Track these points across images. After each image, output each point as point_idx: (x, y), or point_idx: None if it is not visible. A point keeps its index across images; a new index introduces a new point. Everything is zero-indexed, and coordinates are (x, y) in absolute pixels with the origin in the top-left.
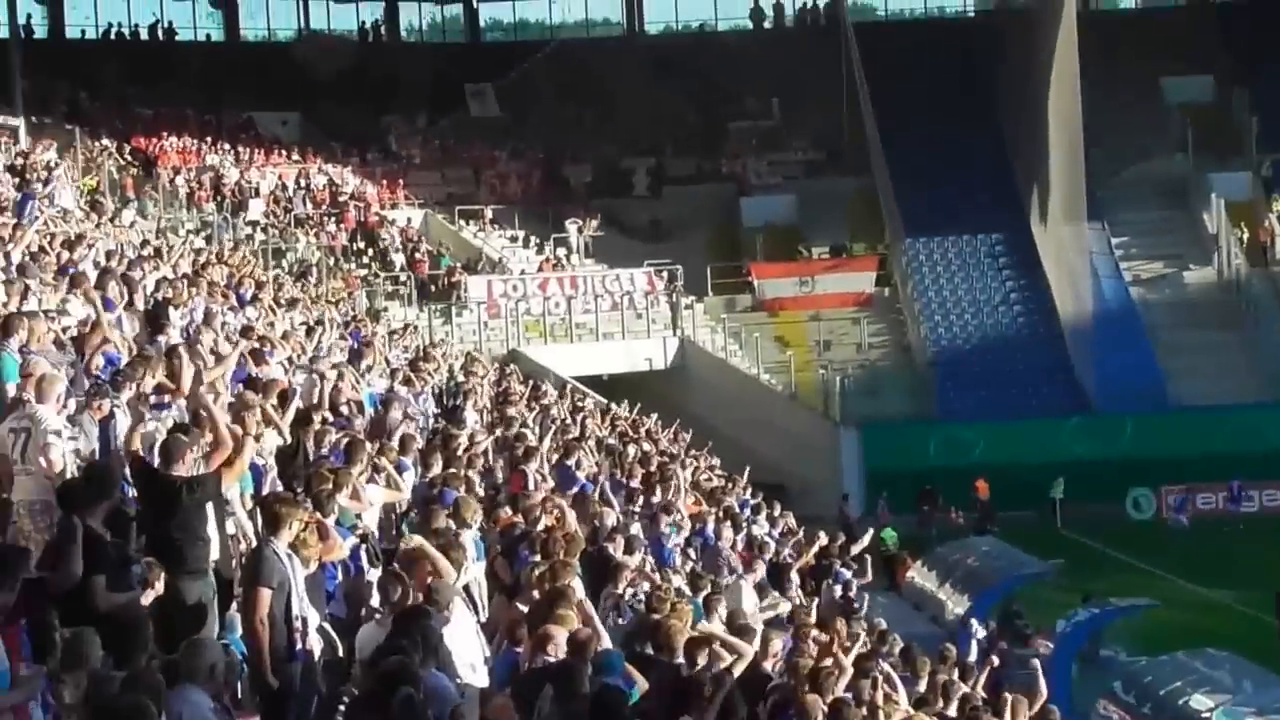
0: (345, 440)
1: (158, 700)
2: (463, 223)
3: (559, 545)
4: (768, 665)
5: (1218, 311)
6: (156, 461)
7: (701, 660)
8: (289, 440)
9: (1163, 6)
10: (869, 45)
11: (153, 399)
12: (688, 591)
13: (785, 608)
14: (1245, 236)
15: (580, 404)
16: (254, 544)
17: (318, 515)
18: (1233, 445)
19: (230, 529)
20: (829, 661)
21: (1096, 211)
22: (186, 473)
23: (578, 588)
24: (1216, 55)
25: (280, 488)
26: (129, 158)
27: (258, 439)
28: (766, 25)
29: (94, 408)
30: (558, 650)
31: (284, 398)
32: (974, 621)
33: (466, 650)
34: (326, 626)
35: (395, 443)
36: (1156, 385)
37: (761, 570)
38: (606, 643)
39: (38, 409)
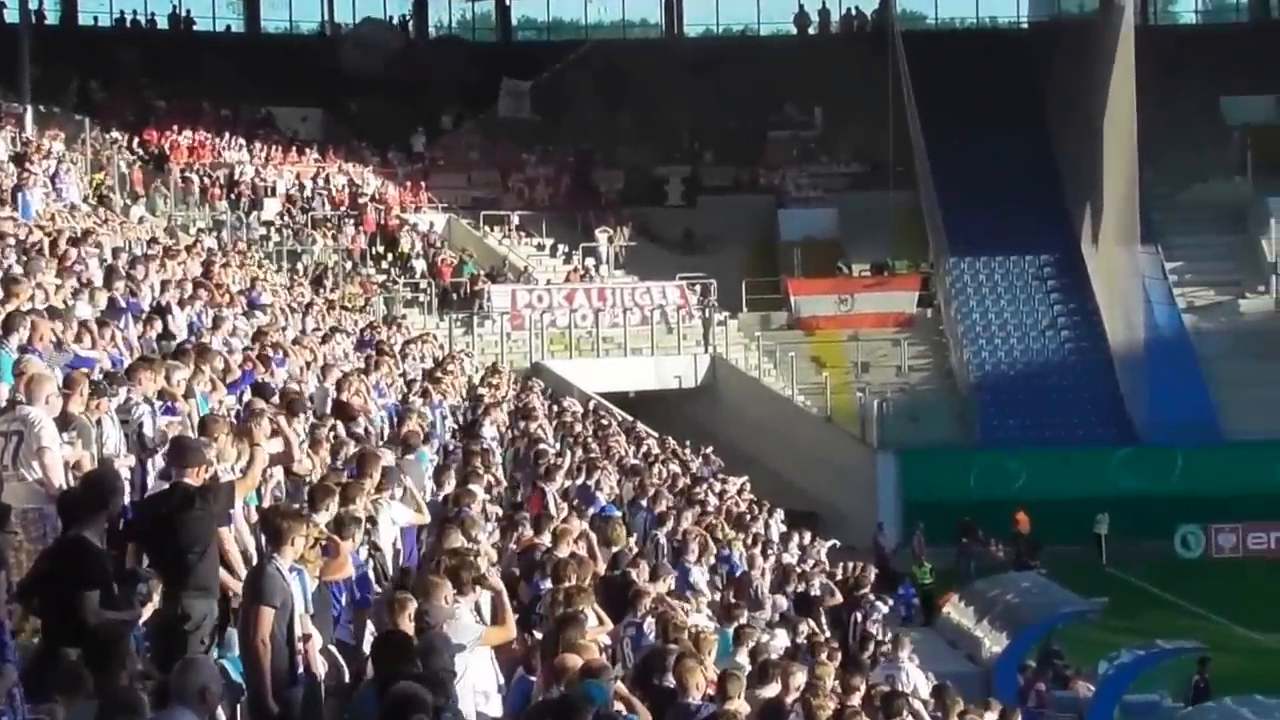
0: (358, 453)
1: None
2: (487, 228)
3: (571, 570)
4: (789, 700)
5: (1275, 341)
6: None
7: (734, 694)
8: (303, 455)
9: (1224, 22)
10: (917, 55)
11: (158, 404)
12: (713, 622)
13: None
14: None
15: (604, 422)
16: (255, 560)
17: (326, 531)
18: None
19: (228, 543)
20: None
21: (1150, 234)
22: (198, 481)
23: (592, 615)
24: (1279, 75)
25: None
26: (140, 151)
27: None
28: (811, 31)
29: (92, 407)
30: (571, 680)
31: (294, 407)
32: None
33: (480, 678)
34: (333, 649)
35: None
36: (1209, 418)
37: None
38: (620, 672)
39: (29, 410)
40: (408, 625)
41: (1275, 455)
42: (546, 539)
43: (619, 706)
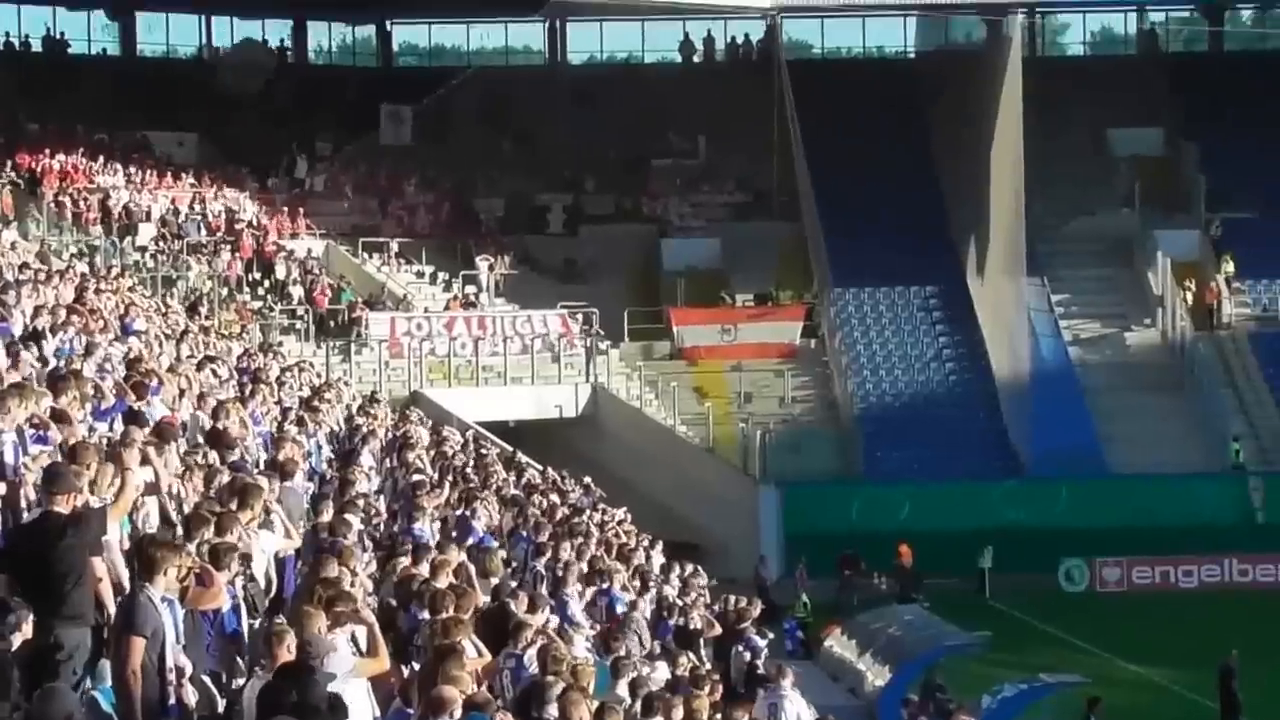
0: (238, 484)
1: None
2: (366, 255)
3: (449, 601)
4: None
5: (1160, 375)
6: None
7: None
8: (167, 483)
9: (1112, 55)
10: (803, 84)
11: (30, 432)
12: (591, 654)
13: None
14: (1191, 297)
15: (484, 452)
16: (127, 589)
17: (200, 560)
18: (1171, 517)
19: (100, 571)
20: None
21: (1036, 266)
22: (68, 508)
23: (470, 646)
24: (1167, 107)
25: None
26: (12, 175)
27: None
28: (696, 59)
29: None
30: (450, 712)
31: (167, 435)
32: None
33: (355, 710)
34: (206, 680)
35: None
36: (1093, 451)
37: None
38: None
39: None
40: (287, 657)
41: (1160, 489)
42: (425, 569)
43: None
